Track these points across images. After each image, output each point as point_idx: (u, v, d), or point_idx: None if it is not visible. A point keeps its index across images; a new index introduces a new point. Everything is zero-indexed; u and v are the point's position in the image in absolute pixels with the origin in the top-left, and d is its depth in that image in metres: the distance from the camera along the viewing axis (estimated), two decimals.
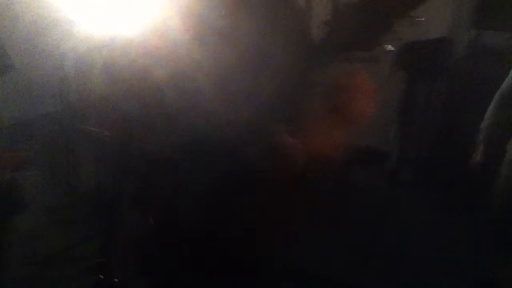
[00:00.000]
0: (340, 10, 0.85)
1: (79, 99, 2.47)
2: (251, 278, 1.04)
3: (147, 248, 1.09)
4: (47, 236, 2.38)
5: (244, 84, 0.89)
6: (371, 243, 2.54)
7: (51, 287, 2.24)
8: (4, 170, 2.11)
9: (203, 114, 0.97)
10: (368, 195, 3.00)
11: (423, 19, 0.83)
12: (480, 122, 2.86)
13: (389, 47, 0.83)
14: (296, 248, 2.15)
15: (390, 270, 2.36)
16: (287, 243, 1.08)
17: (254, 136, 0.88)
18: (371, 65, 3.19)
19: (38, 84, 2.51)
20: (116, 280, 1.23)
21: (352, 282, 2.27)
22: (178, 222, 1.04)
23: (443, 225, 2.69)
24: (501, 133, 1.98)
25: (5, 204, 2.12)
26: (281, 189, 1.00)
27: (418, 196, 3.04)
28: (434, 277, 2.32)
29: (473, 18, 2.97)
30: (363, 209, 2.82)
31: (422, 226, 2.70)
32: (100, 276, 1.19)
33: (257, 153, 0.90)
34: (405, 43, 2.89)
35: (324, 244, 2.38)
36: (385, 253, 2.49)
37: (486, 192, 2.78)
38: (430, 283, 2.30)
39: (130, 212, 1.13)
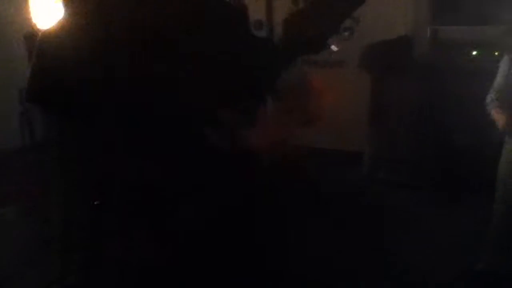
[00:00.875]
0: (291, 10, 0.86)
1: (43, 131, 2.42)
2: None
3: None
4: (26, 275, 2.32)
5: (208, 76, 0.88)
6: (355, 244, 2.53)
7: None
8: None
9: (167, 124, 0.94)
10: (346, 195, 3.01)
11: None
12: (448, 115, 2.93)
13: (334, 48, 0.82)
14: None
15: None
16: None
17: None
18: (336, 68, 3.25)
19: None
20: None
21: (336, 281, 2.25)
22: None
23: (424, 220, 2.72)
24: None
25: None
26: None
27: (395, 192, 3.06)
28: (419, 269, 2.32)
29: (431, 15, 3.06)
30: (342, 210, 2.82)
31: (403, 222, 2.72)
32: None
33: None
34: (367, 44, 2.95)
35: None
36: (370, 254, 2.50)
37: (467, 187, 2.83)
38: (415, 276, 2.30)
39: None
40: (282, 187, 1.03)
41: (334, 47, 0.79)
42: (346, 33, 2.82)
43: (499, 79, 2.01)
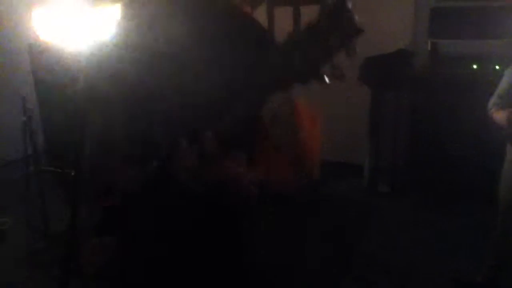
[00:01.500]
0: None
1: (43, 141, 2.44)
2: None
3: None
4: (26, 281, 2.32)
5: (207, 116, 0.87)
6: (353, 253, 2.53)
7: None
8: None
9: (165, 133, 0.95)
10: (347, 208, 3.02)
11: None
12: (447, 128, 2.94)
13: (326, 79, 0.81)
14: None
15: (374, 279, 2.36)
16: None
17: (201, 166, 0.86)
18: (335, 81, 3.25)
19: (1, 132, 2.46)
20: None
21: None
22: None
23: (421, 228, 2.73)
24: None
25: None
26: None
27: (395, 203, 3.07)
28: (415, 277, 2.33)
29: (430, 29, 3.09)
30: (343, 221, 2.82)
31: (401, 231, 2.73)
32: None
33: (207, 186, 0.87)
34: (367, 57, 2.96)
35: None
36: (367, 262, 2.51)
37: (462, 196, 2.85)
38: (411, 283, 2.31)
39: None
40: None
41: (327, 79, 0.78)
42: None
43: (504, 85, 2.01)
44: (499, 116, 1.96)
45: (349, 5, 0.77)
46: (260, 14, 3.44)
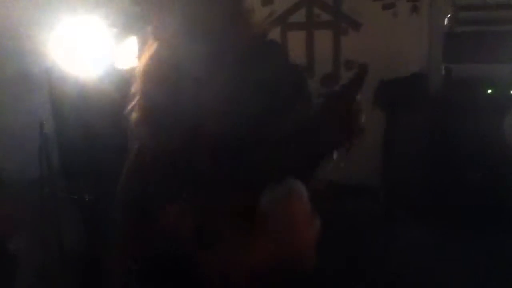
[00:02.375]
0: None
1: (59, 164, 2.46)
2: None
3: None
4: None
5: (223, 139, 0.87)
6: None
7: None
8: None
9: (186, 163, 0.94)
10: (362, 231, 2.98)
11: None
12: (463, 152, 2.91)
13: (335, 155, 0.79)
14: None
15: None
16: None
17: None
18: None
19: (17, 152, 2.49)
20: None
21: None
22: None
23: (439, 253, 2.68)
24: None
25: None
26: None
27: (411, 226, 3.02)
28: None
29: (444, 53, 3.09)
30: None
31: (419, 255, 2.68)
32: None
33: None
34: (381, 81, 2.97)
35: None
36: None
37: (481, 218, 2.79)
38: None
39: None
40: None
41: (335, 155, 0.77)
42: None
43: None
44: None
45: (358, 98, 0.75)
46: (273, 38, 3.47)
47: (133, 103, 1.01)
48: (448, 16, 3.12)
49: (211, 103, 0.88)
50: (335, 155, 0.80)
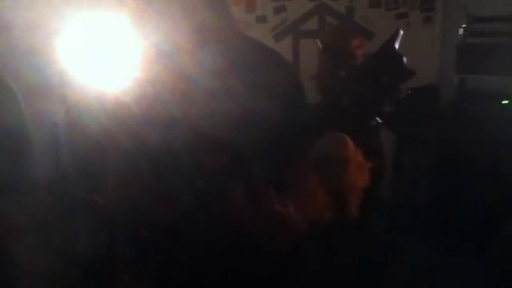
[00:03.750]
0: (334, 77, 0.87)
1: (71, 167, 2.47)
2: None
3: None
4: None
5: (236, 147, 0.88)
6: None
7: None
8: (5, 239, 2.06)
9: (195, 174, 0.95)
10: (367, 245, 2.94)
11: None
12: (476, 165, 2.88)
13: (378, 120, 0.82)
14: None
15: None
16: None
17: (247, 205, 0.86)
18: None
19: (31, 153, 2.51)
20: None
21: None
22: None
23: (443, 269, 2.63)
24: None
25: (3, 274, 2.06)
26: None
27: (416, 242, 2.98)
28: None
29: (457, 64, 3.07)
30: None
31: (422, 271, 2.63)
32: None
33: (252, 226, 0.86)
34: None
35: None
36: None
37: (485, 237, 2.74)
38: None
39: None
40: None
41: (378, 119, 0.79)
42: None
43: None
44: None
45: (396, 47, 0.77)
46: (285, 47, 3.49)
47: (145, 108, 1.02)
48: (462, 27, 3.10)
49: (224, 108, 0.89)
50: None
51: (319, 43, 0.96)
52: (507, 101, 2.93)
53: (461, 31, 3.09)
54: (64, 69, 2.80)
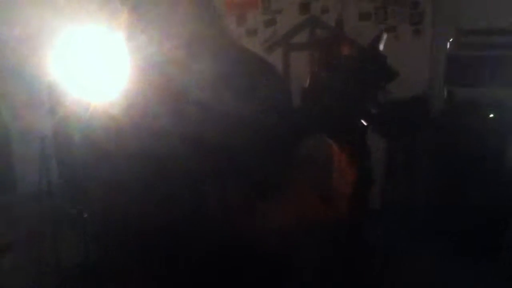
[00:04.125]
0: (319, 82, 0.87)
1: (59, 179, 2.45)
2: None
3: None
4: None
5: (229, 157, 0.87)
6: None
7: None
8: None
9: (189, 188, 0.94)
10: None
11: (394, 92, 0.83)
12: (465, 176, 2.89)
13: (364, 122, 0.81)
14: None
15: None
16: None
17: (241, 212, 0.85)
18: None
19: (18, 165, 2.49)
20: None
21: None
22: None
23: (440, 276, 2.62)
24: None
25: None
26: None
27: (411, 250, 2.97)
28: None
29: (446, 76, 3.10)
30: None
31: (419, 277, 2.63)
32: None
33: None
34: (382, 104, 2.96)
35: None
36: None
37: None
38: None
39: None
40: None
41: (364, 122, 0.78)
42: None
43: None
44: None
45: (380, 47, 0.77)
46: (276, 59, 3.51)
47: (134, 120, 1.01)
48: (451, 40, 3.14)
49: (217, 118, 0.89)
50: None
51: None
52: (493, 114, 2.95)
53: (450, 44, 3.13)
54: (53, 82, 2.79)
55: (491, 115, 2.94)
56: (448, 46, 3.15)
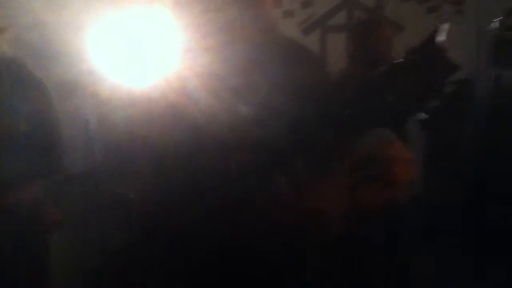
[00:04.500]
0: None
1: (103, 161, 2.52)
2: None
3: None
4: None
5: (262, 142, 0.87)
6: None
7: None
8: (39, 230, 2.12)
9: (223, 170, 0.95)
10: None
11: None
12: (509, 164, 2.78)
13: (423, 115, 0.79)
14: None
15: None
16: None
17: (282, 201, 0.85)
18: None
19: (62, 146, 2.57)
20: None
21: None
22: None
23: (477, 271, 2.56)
24: None
25: (37, 266, 2.12)
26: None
27: (452, 246, 2.90)
28: None
29: (494, 58, 2.97)
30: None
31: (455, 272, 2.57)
32: None
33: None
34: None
35: None
36: None
37: None
38: None
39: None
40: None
41: (423, 115, 0.77)
42: None
43: None
44: None
45: (439, 42, 0.75)
46: (313, 41, 3.46)
47: (173, 105, 1.03)
48: (497, 20, 3.00)
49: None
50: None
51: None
52: None
53: (496, 24, 2.99)
54: (95, 66, 2.85)
55: None
56: (494, 27, 3.02)
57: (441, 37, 0.76)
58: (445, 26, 0.78)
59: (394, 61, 0.79)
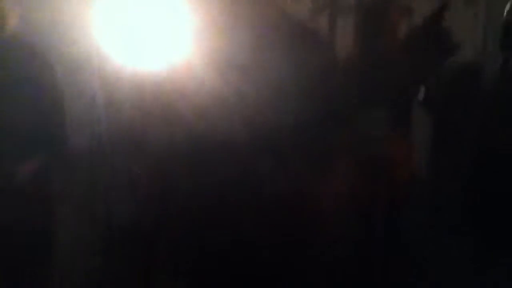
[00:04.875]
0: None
1: (110, 139, 2.53)
2: None
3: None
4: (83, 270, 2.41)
5: (269, 122, 0.88)
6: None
7: None
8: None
9: (230, 148, 0.96)
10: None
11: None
12: None
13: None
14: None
15: None
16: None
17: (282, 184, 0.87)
18: None
19: (69, 124, 2.59)
20: None
21: None
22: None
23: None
24: None
25: (41, 242, 2.16)
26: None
27: (460, 239, 2.87)
28: None
29: (502, 42, 2.93)
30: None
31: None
32: None
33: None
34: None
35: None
36: None
37: None
38: None
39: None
40: None
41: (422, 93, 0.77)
42: None
43: None
44: None
45: (441, 21, 0.75)
46: (322, 22, 3.40)
47: (180, 82, 1.03)
48: (509, 3, 2.95)
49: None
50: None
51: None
52: None
53: (507, 7, 2.95)
54: (102, 43, 2.84)
55: None
56: (505, 10, 2.97)
57: (442, 18, 0.76)
58: (448, 5, 0.78)
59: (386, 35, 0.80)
